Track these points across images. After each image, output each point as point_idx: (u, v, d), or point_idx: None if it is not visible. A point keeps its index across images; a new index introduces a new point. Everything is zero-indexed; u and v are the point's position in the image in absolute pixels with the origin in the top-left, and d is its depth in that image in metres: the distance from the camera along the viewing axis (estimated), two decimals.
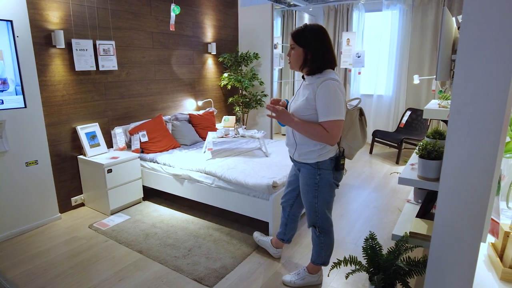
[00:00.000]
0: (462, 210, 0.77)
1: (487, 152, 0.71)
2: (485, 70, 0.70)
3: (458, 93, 0.72)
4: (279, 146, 3.95)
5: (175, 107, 4.55)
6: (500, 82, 0.67)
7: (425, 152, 1.84)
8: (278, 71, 6.71)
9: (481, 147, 0.73)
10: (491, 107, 0.70)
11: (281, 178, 2.81)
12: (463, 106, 0.72)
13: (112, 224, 3.18)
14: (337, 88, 1.82)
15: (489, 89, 0.70)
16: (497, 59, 0.67)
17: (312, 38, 1.85)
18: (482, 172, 0.73)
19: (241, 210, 2.92)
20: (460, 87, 0.71)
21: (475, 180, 0.74)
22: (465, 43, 0.70)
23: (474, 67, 0.71)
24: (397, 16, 5.73)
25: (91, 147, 3.49)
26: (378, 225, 3.16)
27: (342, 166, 2.02)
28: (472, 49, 0.71)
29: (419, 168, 1.89)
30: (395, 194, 3.93)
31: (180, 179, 3.30)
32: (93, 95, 3.57)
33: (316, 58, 1.86)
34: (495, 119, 0.69)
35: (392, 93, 6.00)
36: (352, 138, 2.03)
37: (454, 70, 0.71)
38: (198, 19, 4.74)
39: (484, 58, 0.70)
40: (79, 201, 3.57)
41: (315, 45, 1.85)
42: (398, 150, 5.12)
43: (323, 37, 1.86)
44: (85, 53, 3.37)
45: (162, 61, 4.28)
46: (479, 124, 0.73)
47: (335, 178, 2.03)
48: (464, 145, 0.76)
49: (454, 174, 0.79)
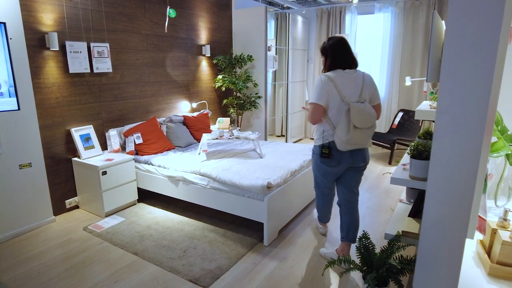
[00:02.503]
0: (448, 208, 0.80)
1: (471, 152, 0.74)
2: (469, 72, 0.73)
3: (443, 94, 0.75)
4: (273, 147, 3.98)
5: (169, 109, 4.56)
6: (483, 84, 0.70)
7: (416, 153, 1.88)
8: (272, 73, 6.75)
9: (465, 147, 0.76)
10: (473, 108, 0.73)
11: (275, 179, 2.84)
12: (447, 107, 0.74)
13: (106, 226, 3.17)
14: (322, 80, 2.22)
15: (472, 90, 0.73)
16: (480, 62, 0.70)
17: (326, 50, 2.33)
18: (467, 171, 0.76)
19: (236, 211, 2.94)
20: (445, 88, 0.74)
21: (460, 179, 0.77)
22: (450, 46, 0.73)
23: (458, 69, 0.74)
24: (389, 18, 5.81)
25: (86, 149, 3.49)
26: (372, 224, 3.20)
27: (325, 155, 2.32)
28: (456, 52, 0.74)
29: (411, 168, 1.93)
30: (388, 194, 3.98)
31: (175, 181, 3.31)
32: (88, 97, 3.57)
33: (328, 62, 2.33)
34: (478, 120, 0.72)
35: (384, 94, 6.08)
36: (338, 130, 2.23)
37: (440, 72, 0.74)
38: (192, 21, 4.76)
39: (468, 60, 0.73)
40: (74, 203, 3.56)
41: (326, 54, 2.34)
42: (391, 150, 5.18)
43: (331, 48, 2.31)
44: (79, 55, 3.37)
45: (156, 63, 4.29)
46: (463, 125, 0.76)
47: (322, 162, 2.38)
48: (449, 145, 0.79)
49: (440, 174, 0.82)
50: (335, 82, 2.20)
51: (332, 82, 2.19)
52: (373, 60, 6.12)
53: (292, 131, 6.64)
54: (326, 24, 6.34)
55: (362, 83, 2.25)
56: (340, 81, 2.21)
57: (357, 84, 2.24)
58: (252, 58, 5.25)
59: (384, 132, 6.06)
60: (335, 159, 2.32)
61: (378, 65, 6.09)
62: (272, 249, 2.76)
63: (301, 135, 7.04)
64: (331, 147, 2.29)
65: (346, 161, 2.33)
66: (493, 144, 1.24)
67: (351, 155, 2.32)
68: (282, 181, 2.92)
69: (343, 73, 2.24)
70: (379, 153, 5.84)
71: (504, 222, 1.09)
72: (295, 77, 6.55)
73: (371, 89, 2.30)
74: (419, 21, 5.58)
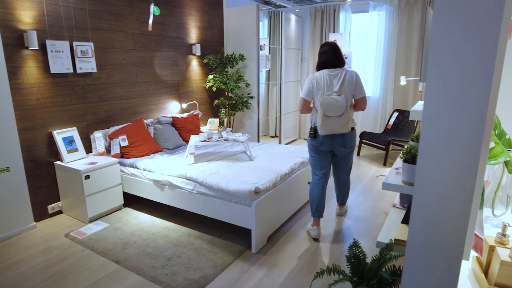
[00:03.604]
0: (439, 229, 0.69)
1: (468, 164, 0.63)
2: (463, 70, 0.62)
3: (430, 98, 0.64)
4: (265, 149, 3.86)
5: (158, 110, 4.43)
6: (481, 84, 0.59)
7: (409, 156, 1.77)
8: (265, 72, 6.63)
9: (460, 159, 0.65)
10: (469, 113, 0.62)
11: (264, 183, 2.72)
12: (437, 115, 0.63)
13: (89, 232, 3.05)
14: (308, 79, 2.80)
15: (468, 92, 0.62)
16: (479, 57, 0.59)
17: (319, 51, 2.85)
18: (463, 185, 0.65)
19: (222, 217, 2.82)
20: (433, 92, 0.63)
21: (454, 197, 0.66)
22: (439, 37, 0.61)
23: (450, 67, 0.62)
24: (384, 17, 5.71)
25: (69, 152, 3.36)
26: (364, 229, 3.09)
27: (311, 135, 2.85)
28: (446, 48, 0.62)
29: (404, 172, 1.83)
30: (382, 197, 3.88)
31: (161, 185, 3.19)
32: (71, 98, 3.44)
33: (317, 64, 2.87)
34: (475, 126, 0.61)
35: (379, 94, 5.98)
36: (317, 117, 2.74)
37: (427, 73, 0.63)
38: (182, 20, 4.63)
39: (461, 58, 0.61)
40: (57, 208, 3.43)
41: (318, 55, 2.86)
42: (386, 151, 5.08)
43: (320, 54, 2.83)
44: (61, 55, 3.24)
45: (144, 63, 4.16)
46: (457, 133, 0.65)
47: (311, 141, 2.89)
48: (440, 156, 0.68)
49: (430, 191, 0.71)
50: (317, 80, 2.73)
51: (315, 80, 2.74)
52: (367, 59, 6.02)
53: (285, 132, 6.53)
54: (320, 22, 6.23)
55: (342, 79, 2.68)
56: (321, 78, 2.72)
57: (338, 80, 2.69)
58: (244, 58, 5.13)
59: (379, 132, 5.95)
60: (319, 140, 2.82)
61: (372, 64, 5.98)
62: (260, 256, 2.65)
63: (295, 136, 6.92)
64: (316, 130, 2.82)
65: (327, 143, 2.82)
66: (491, 150, 1.13)
67: (331, 139, 2.80)
68: (271, 185, 2.81)
69: (327, 71, 2.72)
70: (374, 154, 5.73)
71: (502, 238, 0.98)
72: (288, 76, 6.43)
73: (352, 84, 2.70)
74: (414, 20, 5.48)
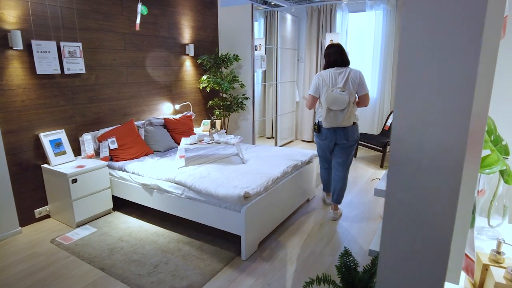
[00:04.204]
0: (416, 250, 0.60)
1: (448, 178, 0.54)
2: (438, 70, 0.53)
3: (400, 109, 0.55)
4: (258, 151, 3.78)
5: (149, 111, 4.35)
6: (461, 85, 0.51)
7: None
8: (261, 73, 6.55)
9: (440, 172, 0.56)
10: (449, 121, 0.53)
11: (254, 188, 2.64)
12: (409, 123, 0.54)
13: (76, 238, 2.96)
14: (315, 77, 3.10)
15: (446, 97, 0.53)
16: (455, 56, 0.51)
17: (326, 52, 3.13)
18: (443, 202, 0.56)
19: (212, 223, 2.74)
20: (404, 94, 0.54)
21: (434, 213, 0.58)
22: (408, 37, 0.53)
23: (421, 70, 0.54)
24: (381, 16, 5.62)
25: (56, 155, 3.27)
26: (358, 234, 3.01)
27: (316, 130, 3.18)
28: (418, 46, 0.54)
29: None
30: (378, 200, 3.79)
31: (149, 189, 3.11)
32: (59, 100, 3.36)
33: (324, 64, 3.13)
34: (456, 137, 0.52)
35: (376, 95, 5.89)
36: (322, 112, 3.03)
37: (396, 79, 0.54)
38: (175, 19, 4.55)
39: (435, 56, 0.53)
40: (44, 212, 3.34)
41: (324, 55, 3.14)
42: (383, 153, 4.99)
43: (327, 55, 3.09)
44: (47, 55, 3.15)
45: (135, 63, 4.08)
46: (434, 144, 0.56)
47: (316, 136, 3.24)
48: (417, 168, 0.60)
49: (403, 202, 0.62)
50: (323, 77, 3.02)
51: (321, 77, 3.03)
52: (364, 59, 5.93)
53: (282, 133, 6.44)
54: (317, 22, 6.15)
55: (347, 77, 2.95)
56: (327, 76, 3.01)
57: (342, 77, 2.96)
58: (239, 58, 5.04)
59: (376, 134, 5.87)
60: (323, 134, 3.13)
61: (369, 64, 5.90)
62: (250, 263, 2.56)
63: (291, 137, 6.84)
64: (320, 125, 3.12)
65: (330, 137, 3.10)
66: (485, 158, 1.05)
67: (334, 133, 3.07)
68: (262, 190, 2.72)
69: (333, 70, 3.01)
70: (371, 156, 5.65)
71: (497, 256, 0.90)
72: (285, 77, 6.35)
73: (355, 82, 2.96)
74: None
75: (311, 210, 3.51)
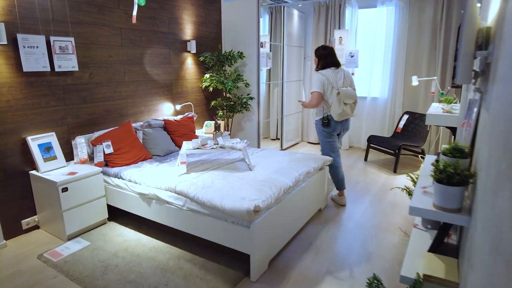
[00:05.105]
0: None
1: None
2: None
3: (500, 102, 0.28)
4: (265, 156, 3.49)
5: (148, 112, 4.06)
6: None
7: (444, 176, 1.41)
8: (266, 71, 6.26)
9: None
10: None
11: (265, 200, 2.35)
12: None
13: (66, 253, 2.68)
14: (319, 75, 3.31)
15: None
16: None
17: (321, 55, 3.39)
18: None
19: (216, 239, 2.45)
20: None
21: None
22: None
23: None
24: (393, 12, 5.33)
25: (46, 160, 2.99)
26: (378, 249, 2.72)
27: (325, 124, 3.38)
28: None
29: (436, 195, 1.47)
30: (395, 209, 3.51)
31: (147, 199, 2.82)
32: (49, 100, 3.07)
33: (322, 64, 3.39)
34: None
35: (387, 95, 5.60)
36: (334, 107, 3.28)
37: None
38: (175, 14, 4.26)
39: None
40: (32, 223, 3.06)
41: (320, 58, 3.40)
42: (396, 158, 4.70)
43: (325, 56, 3.36)
44: (35, 51, 2.87)
45: (133, 60, 3.79)
46: None
47: (324, 130, 3.43)
48: None
49: None
50: (327, 76, 3.30)
51: (324, 77, 3.30)
52: (375, 57, 5.63)
53: (287, 135, 6.16)
54: (325, 18, 5.85)
55: (344, 76, 3.36)
56: (329, 75, 3.31)
57: (340, 76, 3.35)
58: (243, 55, 4.75)
59: (387, 136, 5.58)
60: (332, 127, 3.40)
61: (380, 63, 5.60)
62: (260, 286, 2.28)
63: (297, 139, 6.55)
64: (329, 119, 3.36)
65: (338, 128, 3.44)
66: None
67: (340, 124, 3.43)
68: (273, 202, 2.43)
69: (331, 70, 3.34)
70: (382, 160, 5.36)
71: None
72: (291, 76, 6.06)
73: (350, 80, 3.42)
74: (425, 15, 5.10)
75: (323, 221, 3.22)
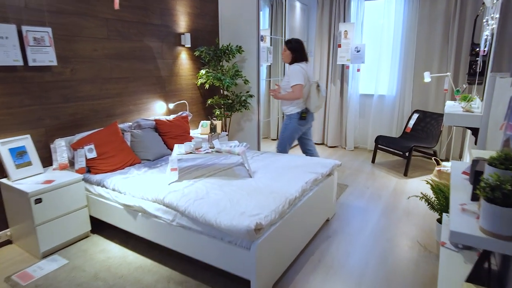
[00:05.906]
0: None
1: None
2: None
3: None
4: (267, 160, 3.14)
5: (138, 112, 3.71)
6: None
7: (499, 195, 1.07)
8: (266, 67, 5.90)
9: None
10: None
11: (268, 215, 2.01)
12: None
13: (38, 275, 2.33)
14: (300, 68, 3.36)
15: None
16: None
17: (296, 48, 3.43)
18: None
19: (211, 261, 2.11)
20: None
21: None
22: None
23: None
24: (402, 4, 4.98)
25: (18, 167, 2.64)
26: (397, 269, 2.38)
27: (304, 117, 3.47)
28: None
29: (486, 218, 1.13)
30: (409, 218, 3.17)
31: (133, 212, 2.47)
32: (22, 98, 2.72)
33: (297, 56, 3.44)
34: None
35: (395, 92, 5.26)
36: (312, 99, 3.41)
37: None
38: (168, 5, 3.90)
39: None
40: (4, 238, 2.71)
41: (296, 51, 3.43)
42: (407, 160, 4.36)
43: (299, 45, 3.44)
44: (4, 42, 2.51)
45: (121, 55, 3.44)
46: None
47: (300, 124, 3.51)
48: None
49: None
50: (304, 70, 3.38)
51: (303, 70, 3.37)
52: (382, 52, 5.28)
53: None
54: (329, 11, 5.50)
55: (310, 71, 3.49)
56: (306, 69, 3.41)
57: (310, 70, 3.50)
58: (242, 50, 4.40)
59: (396, 136, 5.24)
60: (308, 120, 3.54)
61: (388, 58, 5.25)
62: None
63: None
64: (307, 112, 3.48)
65: (310, 120, 3.59)
66: None
67: (312, 116, 3.59)
68: (277, 217, 2.09)
69: (304, 64, 3.43)
70: (390, 161, 5.02)
71: None
72: None
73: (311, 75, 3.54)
74: (437, 7, 4.76)
75: (332, 234, 2.89)
